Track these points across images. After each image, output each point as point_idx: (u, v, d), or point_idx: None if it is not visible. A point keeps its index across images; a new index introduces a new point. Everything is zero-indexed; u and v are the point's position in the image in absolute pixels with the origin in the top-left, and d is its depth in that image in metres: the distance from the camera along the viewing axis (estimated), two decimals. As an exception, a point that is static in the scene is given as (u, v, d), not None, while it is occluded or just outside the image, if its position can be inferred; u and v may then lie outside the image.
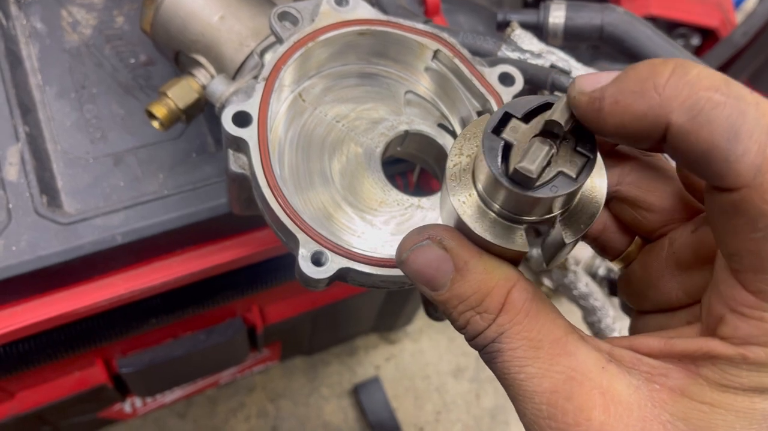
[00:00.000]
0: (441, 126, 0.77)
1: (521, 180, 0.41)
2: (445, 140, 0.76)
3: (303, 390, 1.75)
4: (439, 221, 0.71)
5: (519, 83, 0.73)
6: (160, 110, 0.80)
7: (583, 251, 1.95)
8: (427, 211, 0.72)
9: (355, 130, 0.74)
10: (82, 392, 1.16)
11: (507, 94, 0.72)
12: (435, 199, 0.72)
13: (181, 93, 0.81)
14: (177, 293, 1.01)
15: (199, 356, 1.23)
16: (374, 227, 0.70)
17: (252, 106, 0.66)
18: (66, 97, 0.93)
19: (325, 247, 0.62)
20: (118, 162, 0.90)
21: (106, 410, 1.40)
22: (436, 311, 0.73)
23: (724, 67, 1.57)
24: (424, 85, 0.78)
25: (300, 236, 0.62)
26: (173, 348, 1.19)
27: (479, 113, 0.74)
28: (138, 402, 1.45)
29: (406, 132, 0.75)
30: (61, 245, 0.81)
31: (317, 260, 0.61)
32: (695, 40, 1.81)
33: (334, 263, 0.61)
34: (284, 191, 0.64)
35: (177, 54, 0.84)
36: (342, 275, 0.62)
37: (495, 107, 0.71)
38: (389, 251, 0.69)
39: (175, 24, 0.81)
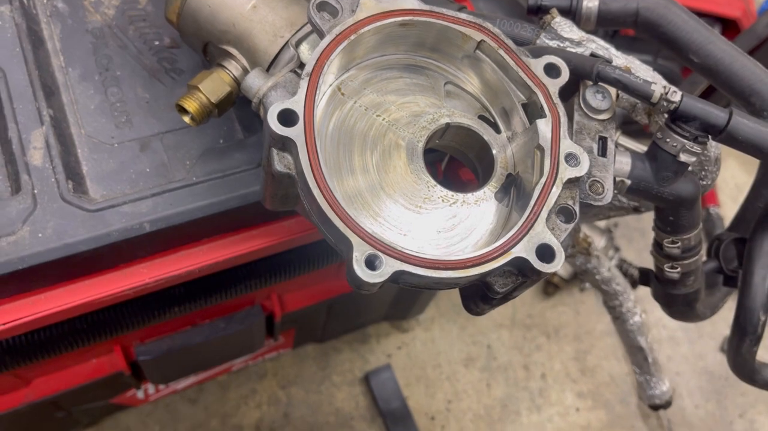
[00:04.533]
0: (481, 117, 0.75)
1: None
2: (486, 132, 0.74)
3: (314, 378, 1.75)
4: (484, 218, 0.69)
5: (565, 74, 0.71)
6: (191, 105, 0.78)
7: (597, 242, 1.94)
8: (472, 207, 0.70)
9: (397, 123, 0.72)
10: (98, 379, 1.15)
11: (553, 85, 0.70)
12: (480, 194, 0.71)
13: (212, 87, 0.78)
14: (200, 282, 0.99)
15: (217, 343, 1.21)
16: (420, 225, 0.68)
17: (297, 104, 0.63)
18: (89, 79, 0.90)
19: (379, 250, 0.60)
20: (144, 147, 0.88)
21: (120, 396, 1.38)
22: (477, 307, 0.71)
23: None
24: (464, 76, 0.76)
25: (354, 239, 0.60)
26: (191, 335, 1.17)
27: (524, 105, 0.72)
28: (151, 388, 1.44)
29: (448, 125, 0.73)
30: (88, 233, 0.79)
31: (371, 264, 0.59)
32: (716, 30, 1.79)
33: (388, 267, 0.59)
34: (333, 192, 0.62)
35: (206, 45, 0.82)
36: (395, 277, 0.60)
37: (542, 100, 0.69)
38: (436, 250, 0.68)
39: (203, 14, 0.79)
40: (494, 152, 0.74)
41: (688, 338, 2.01)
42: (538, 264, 0.62)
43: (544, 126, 0.68)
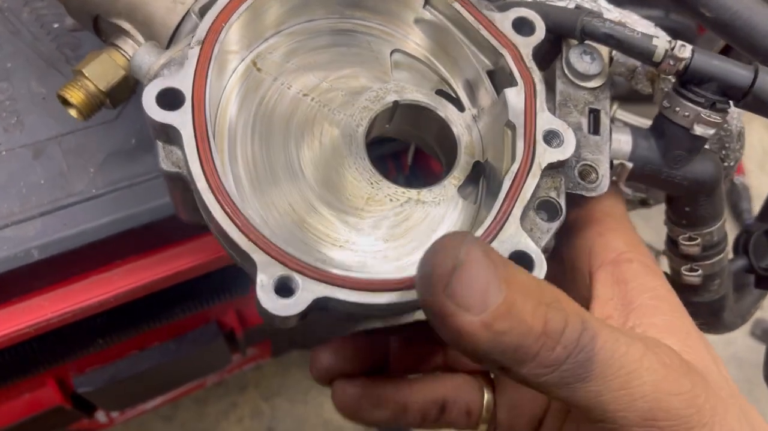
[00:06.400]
0: (440, 93, 0.60)
1: None
2: (446, 110, 0.59)
3: (300, 387, 1.61)
4: (446, 219, 0.54)
5: (540, 31, 0.56)
6: (75, 95, 0.62)
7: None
8: (429, 206, 0.56)
9: (329, 105, 0.57)
10: (34, 415, 1.01)
11: (525, 45, 0.55)
12: (438, 190, 0.56)
13: (101, 71, 0.62)
14: (128, 308, 0.84)
15: (171, 366, 1.07)
16: (361, 232, 0.54)
17: (183, 81, 0.49)
18: (-28, 74, 0.75)
19: (294, 269, 0.45)
20: (38, 154, 0.73)
21: (75, 424, 1.25)
22: None
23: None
24: (415, 41, 0.61)
25: (257, 256, 0.45)
26: (138, 361, 1.03)
27: (489, 73, 0.56)
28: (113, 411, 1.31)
29: (396, 103, 0.58)
30: (-42, 266, 0.65)
31: (283, 289, 0.45)
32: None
33: (306, 292, 0.45)
34: (234, 193, 0.47)
35: (95, 20, 0.66)
36: (320, 305, 0.46)
37: (511, 63, 0.53)
38: (382, 265, 0.53)
39: None
40: (456, 134, 0.58)
41: (710, 321, 1.84)
42: None
43: (514, 96, 0.53)
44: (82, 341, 0.88)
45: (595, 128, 0.57)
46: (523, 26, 0.55)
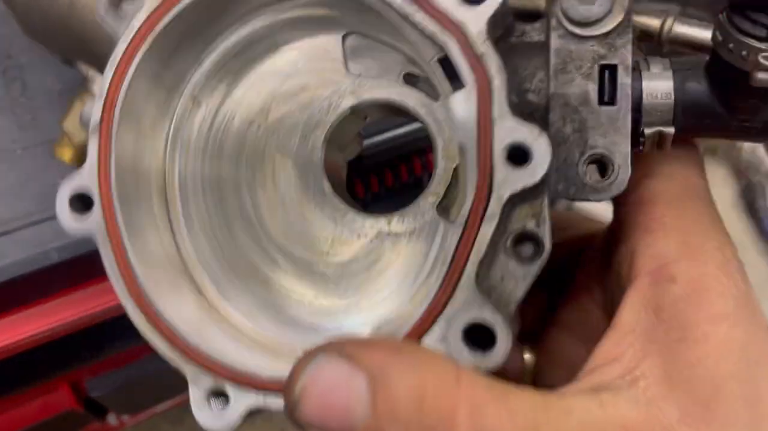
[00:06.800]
0: (408, 77, 0.45)
1: None
2: (419, 101, 0.45)
3: (312, 388, 1.58)
4: (423, 249, 0.45)
5: None
6: (65, 153, 0.62)
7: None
8: (402, 239, 0.45)
9: (277, 131, 0.47)
10: (46, 420, 0.99)
11: (477, 20, 0.38)
12: (411, 214, 0.45)
13: (77, 123, 0.61)
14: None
15: (185, 369, 1.05)
16: (328, 284, 0.46)
17: (89, 177, 0.42)
18: (-15, 70, 0.73)
19: (226, 377, 0.41)
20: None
21: (86, 427, 1.23)
22: None
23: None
24: (366, 19, 0.44)
25: (186, 368, 0.42)
26: (153, 362, 1.00)
27: (441, 61, 0.41)
28: (124, 415, 1.28)
29: (352, 109, 0.46)
30: (-24, 269, 0.62)
31: (216, 399, 0.41)
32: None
33: (237, 404, 0.40)
34: (155, 300, 0.42)
35: (72, 63, 0.63)
36: (258, 411, 0.41)
37: (457, 53, 0.38)
38: (355, 320, 0.45)
39: (38, 24, 0.59)
40: (429, 126, 0.45)
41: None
42: (465, 356, 0.37)
43: (461, 104, 0.38)
44: (97, 344, 0.86)
45: (609, 95, 0.40)
46: None
